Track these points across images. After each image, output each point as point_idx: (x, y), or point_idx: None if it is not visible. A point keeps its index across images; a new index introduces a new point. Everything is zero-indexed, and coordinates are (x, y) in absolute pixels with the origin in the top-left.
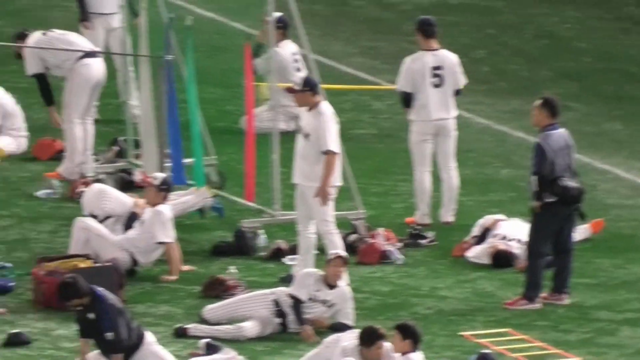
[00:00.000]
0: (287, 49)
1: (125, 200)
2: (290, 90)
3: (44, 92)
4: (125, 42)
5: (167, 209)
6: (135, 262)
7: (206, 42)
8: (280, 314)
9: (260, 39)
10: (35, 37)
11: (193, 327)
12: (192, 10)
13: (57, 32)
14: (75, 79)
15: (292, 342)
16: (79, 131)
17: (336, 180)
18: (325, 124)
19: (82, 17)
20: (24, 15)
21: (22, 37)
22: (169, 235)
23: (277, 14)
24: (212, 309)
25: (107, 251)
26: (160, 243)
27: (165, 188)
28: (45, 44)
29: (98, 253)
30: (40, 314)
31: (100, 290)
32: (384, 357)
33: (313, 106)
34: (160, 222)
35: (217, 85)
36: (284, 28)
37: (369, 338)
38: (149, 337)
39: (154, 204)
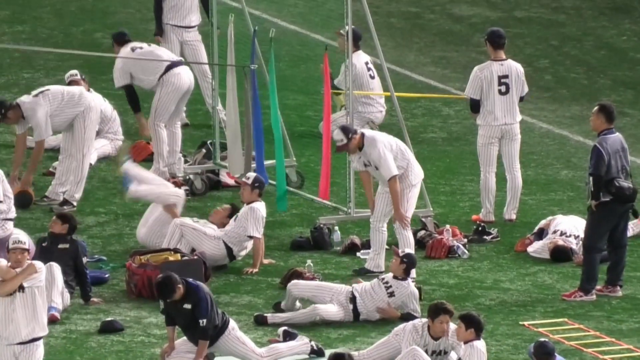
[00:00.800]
0: (361, 59)
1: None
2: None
3: (132, 101)
4: (199, 51)
5: (261, 206)
6: (231, 255)
7: (289, 52)
8: (353, 299)
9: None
10: (124, 53)
11: (271, 315)
12: (275, 23)
13: (145, 48)
14: (166, 87)
15: (364, 330)
16: (165, 135)
17: (417, 176)
18: (379, 153)
19: (156, 32)
20: (122, 27)
21: (119, 39)
22: (259, 230)
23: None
24: (297, 284)
25: (202, 245)
26: (250, 237)
27: (257, 186)
28: (132, 61)
29: (194, 247)
30: (132, 303)
31: (193, 281)
32: (447, 336)
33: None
34: (254, 218)
35: (298, 93)
36: (356, 40)
37: (435, 310)
38: (232, 324)
39: (248, 202)
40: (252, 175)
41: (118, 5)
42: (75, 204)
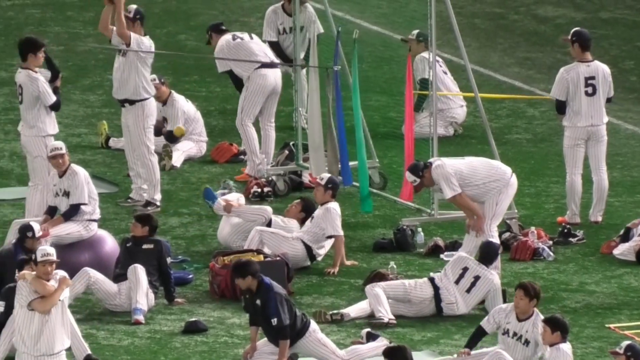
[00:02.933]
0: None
1: None
2: None
3: (236, 82)
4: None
5: (336, 206)
6: (311, 255)
7: (372, 53)
8: (437, 294)
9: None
10: (224, 40)
11: (347, 313)
12: (359, 24)
13: (245, 39)
14: (251, 86)
15: (448, 332)
16: (254, 132)
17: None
18: (438, 177)
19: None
20: (206, 29)
21: (216, 29)
22: (338, 229)
23: (415, 31)
24: (381, 285)
25: (281, 247)
26: (330, 237)
27: (331, 186)
28: (230, 49)
29: (273, 249)
30: (215, 304)
31: (268, 279)
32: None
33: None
34: (331, 217)
35: (381, 94)
36: (424, 41)
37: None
38: (314, 325)
39: (322, 202)
40: (325, 176)
41: (202, 7)
42: (158, 204)
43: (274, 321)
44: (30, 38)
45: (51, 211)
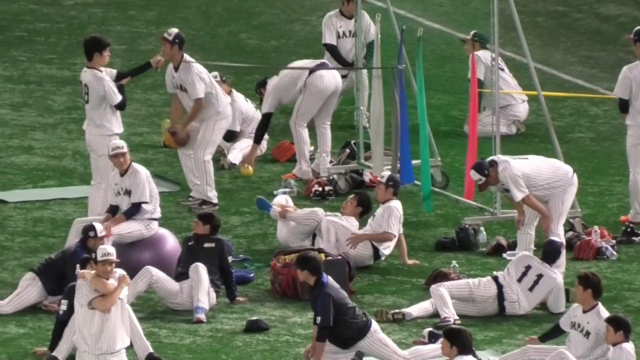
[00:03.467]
0: (487, 57)
1: None
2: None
3: (261, 129)
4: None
5: (397, 204)
6: (376, 255)
7: (434, 52)
8: (501, 293)
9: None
10: (275, 80)
11: (408, 312)
12: (421, 22)
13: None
14: (309, 88)
15: (511, 332)
16: (306, 135)
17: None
18: (506, 179)
19: None
20: (268, 28)
21: (262, 84)
22: (392, 228)
23: (472, 32)
24: (446, 285)
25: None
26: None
27: (392, 184)
28: (285, 84)
29: (342, 242)
30: (277, 303)
31: (326, 279)
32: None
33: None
34: (390, 216)
35: (443, 92)
36: (479, 41)
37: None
38: (375, 326)
39: (383, 200)
40: (386, 174)
41: (263, 5)
42: (215, 201)
43: (318, 319)
44: (96, 37)
45: (113, 210)
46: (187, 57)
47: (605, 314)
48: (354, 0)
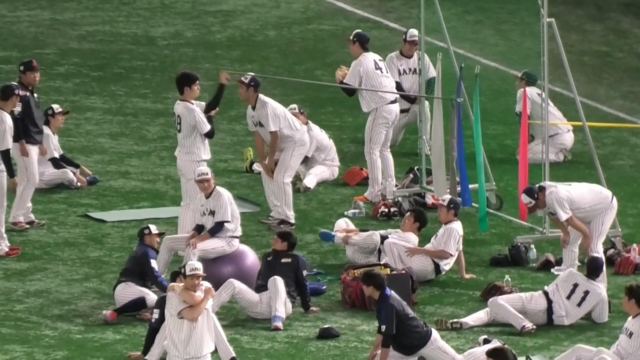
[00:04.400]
0: (369, 58)
1: None
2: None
3: (348, 91)
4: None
5: (457, 226)
6: (437, 270)
7: (490, 87)
8: (550, 307)
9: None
10: (367, 61)
11: (465, 321)
12: (478, 60)
13: (383, 72)
14: (378, 118)
15: (558, 339)
16: (378, 161)
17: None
18: (553, 201)
19: None
20: (340, 65)
21: (362, 40)
22: (450, 248)
23: (523, 71)
24: (501, 299)
25: (411, 260)
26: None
27: (452, 207)
28: (368, 74)
29: (405, 261)
30: (347, 312)
31: (389, 291)
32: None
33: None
34: (449, 236)
35: (498, 123)
36: (527, 79)
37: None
38: (435, 334)
39: (445, 222)
40: (447, 197)
41: (336, 45)
42: (292, 221)
43: (382, 328)
44: (185, 73)
45: (199, 229)
46: (261, 96)
47: None
48: (409, 42)
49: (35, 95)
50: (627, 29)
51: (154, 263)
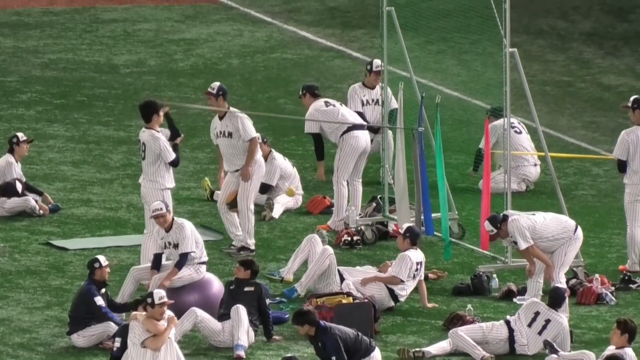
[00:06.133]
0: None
1: None
2: None
3: (317, 147)
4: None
5: (411, 254)
6: (394, 297)
7: (452, 116)
8: (512, 336)
9: None
10: (317, 105)
11: (428, 350)
12: (441, 90)
13: (337, 106)
14: (344, 147)
15: None
16: (345, 190)
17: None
18: (514, 230)
19: None
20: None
21: (311, 91)
22: (403, 274)
23: (488, 107)
24: (461, 329)
25: (369, 289)
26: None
27: (409, 235)
28: (322, 114)
29: (361, 291)
30: (307, 342)
31: (324, 323)
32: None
33: None
34: (402, 262)
35: (460, 152)
36: (494, 114)
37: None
38: (377, 353)
39: (404, 250)
40: (405, 226)
41: (299, 74)
42: (252, 248)
43: (333, 358)
44: (152, 101)
45: (157, 259)
46: (232, 108)
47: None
48: (375, 72)
49: None
50: (590, 59)
51: (99, 300)
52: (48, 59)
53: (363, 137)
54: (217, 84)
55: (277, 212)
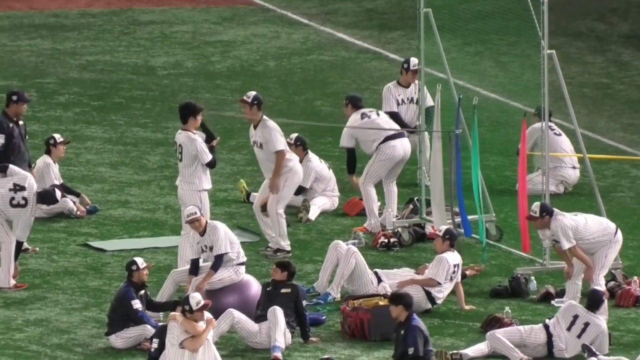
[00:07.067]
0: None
1: None
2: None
3: (350, 163)
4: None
5: (449, 256)
6: (431, 299)
7: (490, 118)
8: (550, 341)
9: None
10: (353, 119)
11: (465, 353)
12: (478, 92)
13: (372, 117)
14: (380, 155)
15: None
16: (372, 192)
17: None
18: (557, 228)
19: None
20: (340, 96)
21: (354, 102)
22: (441, 276)
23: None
24: (499, 332)
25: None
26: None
27: (448, 237)
28: (361, 125)
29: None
30: (346, 343)
31: (416, 315)
32: None
33: None
34: (440, 265)
35: (497, 154)
36: (537, 115)
37: None
38: None
39: (441, 252)
40: (444, 228)
41: (336, 76)
42: (288, 249)
43: (410, 350)
44: (191, 103)
45: (194, 264)
46: (265, 117)
47: None
48: (412, 71)
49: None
50: (628, 61)
51: (136, 304)
52: (86, 61)
53: (401, 147)
54: (253, 93)
55: (313, 214)
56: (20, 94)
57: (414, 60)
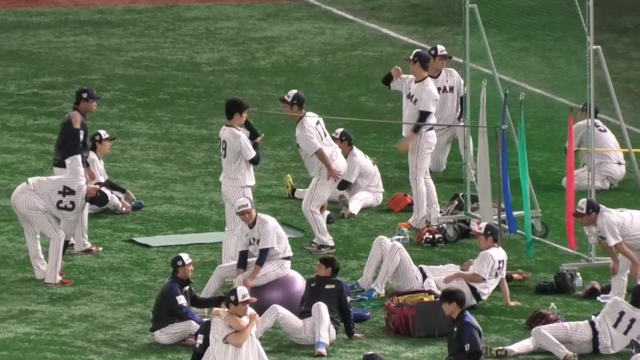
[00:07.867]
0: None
1: None
2: None
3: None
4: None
5: (494, 252)
6: (476, 294)
7: (536, 114)
8: (596, 338)
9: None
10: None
11: (510, 349)
12: (524, 87)
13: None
14: (423, 144)
15: None
16: (424, 188)
17: None
18: (603, 224)
19: None
20: (385, 92)
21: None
22: (485, 272)
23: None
24: (545, 328)
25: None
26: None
27: (490, 233)
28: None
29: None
30: (390, 339)
31: (467, 312)
32: None
33: None
34: (484, 261)
35: (543, 150)
36: (584, 110)
37: None
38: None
39: (484, 248)
40: (483, 225)
41: (381, 72)
42: (331, 244)
43: (467, 346)
44: (238, 99)
45: (242, 256)
46: (307, 115)
47: None
48: (440, 56)
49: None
50: None
51: (180, 299)
52: (131, 57)
53: (435, 135)
54: (293, 91)
55: (355, 208)
56: (90, 92)
57: (440, 47)
